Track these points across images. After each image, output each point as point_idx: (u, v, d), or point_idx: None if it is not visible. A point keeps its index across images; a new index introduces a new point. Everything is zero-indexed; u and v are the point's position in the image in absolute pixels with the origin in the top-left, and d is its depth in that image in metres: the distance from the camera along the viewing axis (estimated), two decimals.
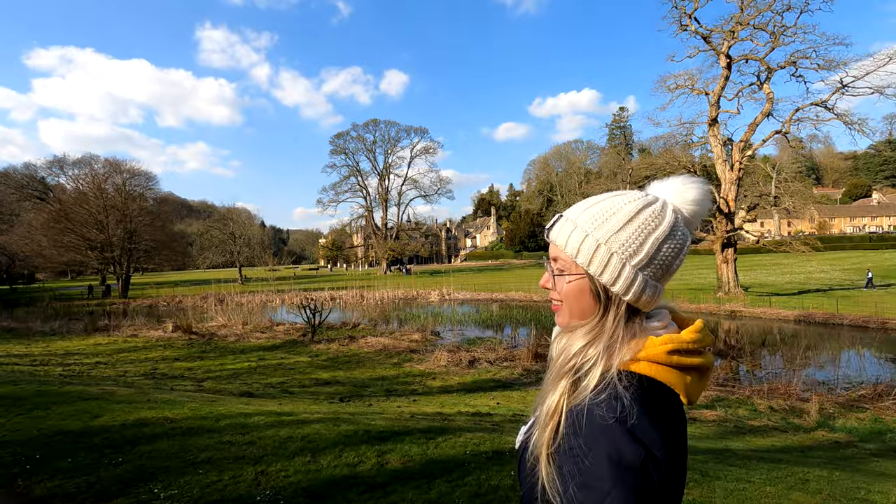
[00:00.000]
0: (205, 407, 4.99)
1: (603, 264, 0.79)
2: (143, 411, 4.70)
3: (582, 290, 0.82)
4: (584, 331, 0.81)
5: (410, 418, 5.18)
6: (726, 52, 26.50)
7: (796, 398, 8.54)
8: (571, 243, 0.82)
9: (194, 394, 6.80)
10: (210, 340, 16.45)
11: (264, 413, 4.77)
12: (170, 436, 3.90)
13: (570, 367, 0.79)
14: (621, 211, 0.81)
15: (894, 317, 16.04)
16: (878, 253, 56.09)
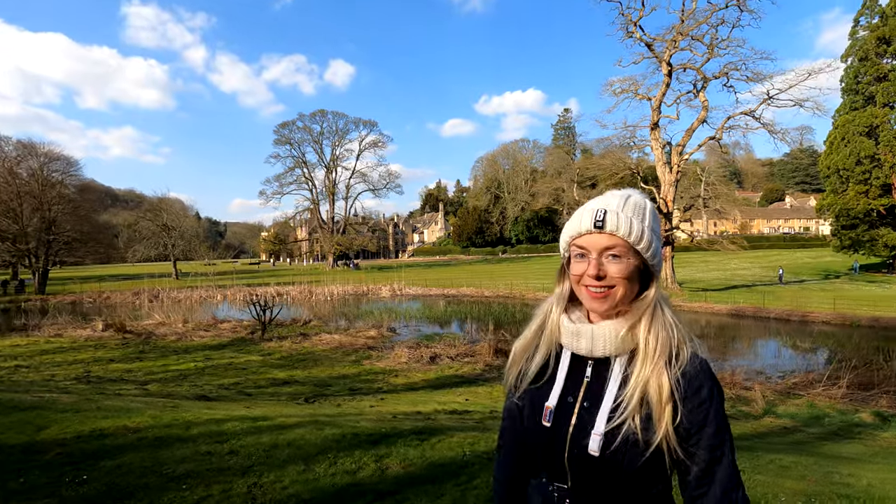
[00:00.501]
0: (167, 414, 4.58)
1: (649, 244, 0.96)
2: (96, 420, 4.23)
3: (636, 269, 0.96)
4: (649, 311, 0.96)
5: (393, 419, 5.02)
6: (668, 60, 27.93)
7: (740, 387, 9.14)
8: (634, 231, 0.95)
9: (148, 399, 6.25)
10: (147, 340, 15.32)
11: (236, 418, 4.44)
12: (137, 447, 3.53)
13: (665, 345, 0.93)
14: (647, 206, 1.00)
15: (812, 310, 17.62)
16: (791, 252, 61.47)
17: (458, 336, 14.37)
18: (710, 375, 0.91)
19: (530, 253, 77.29)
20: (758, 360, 11.94)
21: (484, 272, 47.51)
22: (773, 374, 10.47)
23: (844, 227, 43.06)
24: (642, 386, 0.90)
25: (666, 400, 0.88)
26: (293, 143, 58.69)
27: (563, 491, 0.98)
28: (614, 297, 0.94)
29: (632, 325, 0.95)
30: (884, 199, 40.47)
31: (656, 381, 0.89)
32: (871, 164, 39.98)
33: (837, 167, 42.78)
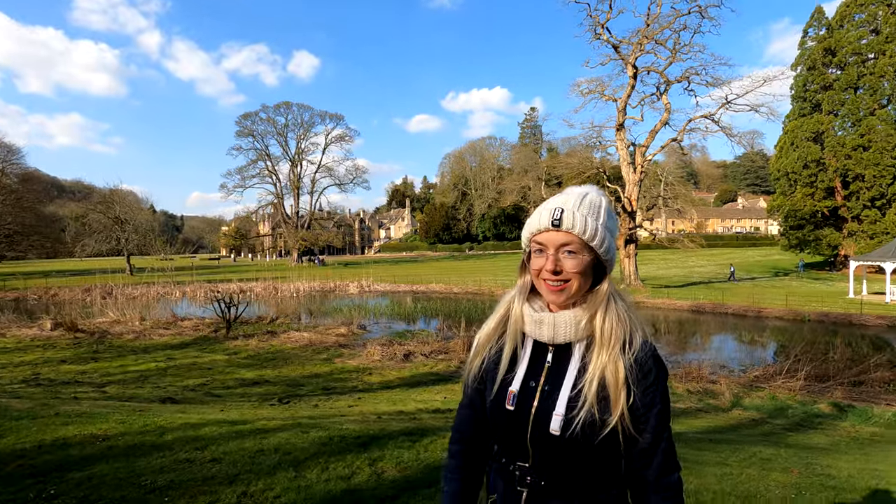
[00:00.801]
0: (136, 419, 4.29)
1: (606, 243, 1.04)
2: (57, 428, 3.92)
3: (590, 266, 1.04)
4: (603, 303, 1.03)
5: (378, 419, 4.89)
6: (633, 62, 28.63)
7: (707, 381, 9.46)
8: (589, 230, 1.02)
9: (110, 402, 5.87)
10: (102, 339, 14.51)
11: (213, 423, 4.20)
12: (107, 457, 3.27)
13: (619, 333, 1.01)
14: (602, 203, 1.07)
15: (766, 306, 18.50)
16: (743, 250, 64.46)
17: (431, 333, 14.28)
18: (658, 360, 1.00)
19: (497, 250, 77.97)
20: (720, 354, 12.41)
21: (452, 269, 47.58)
22: (735, 368, 10.90)
23: (792, 228, 45.47)
24: (601, 371, 0.98)
25: (622, 384, 0.96)
26: (256, 135, 56.96)
27: (524, 469, 1.05)
28: (570, 290, 1.03)
29: (590, 314, 1.03)
30: (828, 201, 42.96)
31: (613, 367, 0.97)
32: (816, 167, 42.31)
33: (786, 170, 45.08)
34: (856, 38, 40.58)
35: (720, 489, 2.86)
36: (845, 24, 41.67)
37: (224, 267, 58.34)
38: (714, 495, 2.71)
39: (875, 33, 40.15)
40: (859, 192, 40.31)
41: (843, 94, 40.88)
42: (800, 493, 2.92)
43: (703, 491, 2.82)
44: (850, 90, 40.70)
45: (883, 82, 38.91)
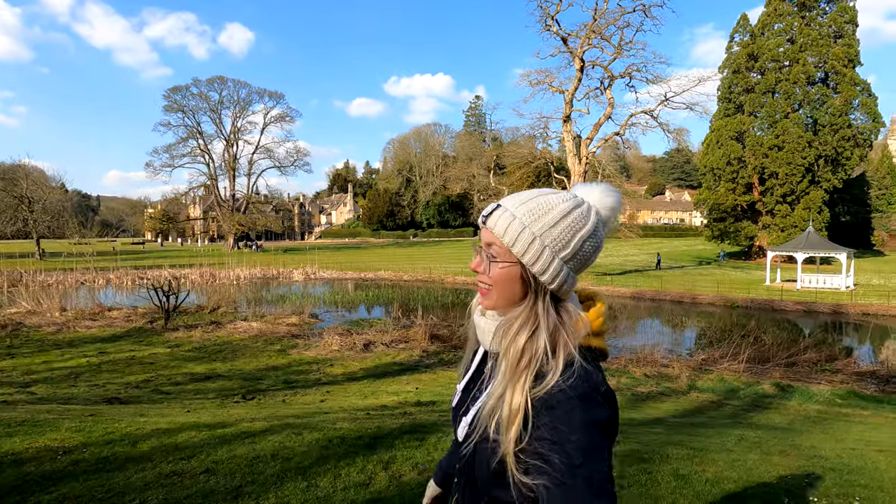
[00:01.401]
0: (93, 426, 3.77)
1: (536, 255, 0.86)
2: (13, 438, 3.36)
3: (513, 276, 0.89)
4: (519, 322, 0.87)
5: (368, 416, 4.63)
6: (581, 55, 29.36)
7: (659, 364, 9.95)
8: (510, 233, 0.87)
9: (48, 406, 5.16)
10: (16, 331, 12.99)
11: (187, 427, 3.77)
12: (75, 474, 2.82)
13: (527, 363, 0.84)
14: (556, 209, 0.88)
15: (700, 293, 19.82)
16: (670, 240, 68.91)
17: (387, 322, 14.00)
18: (575, 403, 0.79)
19: (441, 237, 78.22)
20: (665, 339, 13.11)
21: (397, 256, 47.16)
22: (682, 352, 11.54)
23: (715, 220, 49.03)
24: (497, 399, 0.85)
25: (511, 421, 0.82)
26: (187, 110, 53.00)
27: (457, 471, 1.01)
28: (491, 297, 0.92)
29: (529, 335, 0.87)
30: (747, 196, 46.68)
31: (509, 398, 0.83)
32: (738, 164, 45.76)
33: (712, 166, 48.45)
34: (775, 46, 44.00)
35: (738, 477, 2.93)
36: (766, 32, 45.04)
37: (150, 252, 54.37)
38: (747, 485, 2.77)
39: (791, 42, 43.73)
40: (773, 188, 44.08)
41: (762, 97, 44.31)
42: (809, 476, 3.05)
43: (724, 480, 2.88)
44: (768, 94, 44.18)
45: (796, 88, 42.55)
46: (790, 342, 11.08)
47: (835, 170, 42.23)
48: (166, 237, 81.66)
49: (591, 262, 0.92)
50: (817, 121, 42.45)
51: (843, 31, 42.51)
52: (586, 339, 0.87)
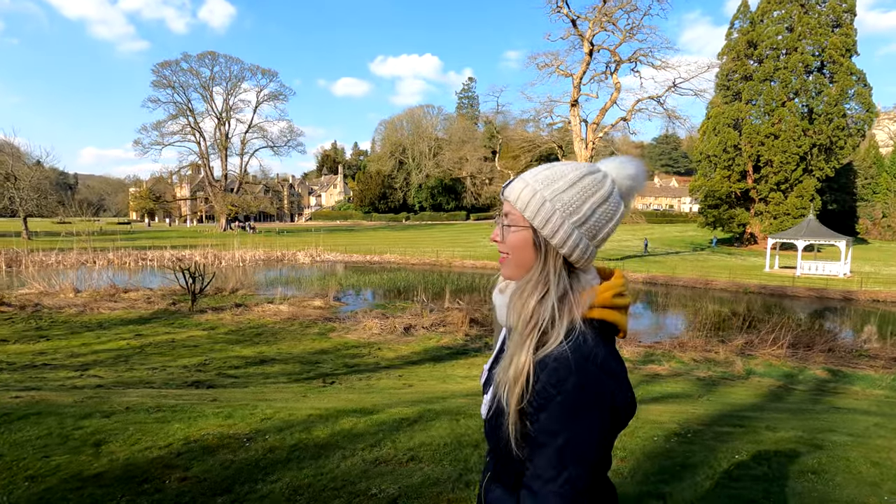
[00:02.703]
0: (240, 412, 3.64)
1: (546, 218, 0.89)
2: (165, 427, 3.24)
3: (525, 241, 0.92)
4: (531, 286, 0.90)
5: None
6: (591, 39, 29.11)
7: (702, 349, 10.10)
8: (522, 198, 0.91)
9: (163, 391, 5.02)
10: (38, 313, 12.61)
11: (337, 412, 3.68)
12: (283, 462, 2.73)
13: (533, 325, 0.87)
14: (567, 175, 0.91)
15: (713, 279, 20.15)
16: (661, 226, 69.75)
17: (416, 305, 13.93)
18: (570, 368, 0.83)
19: (434, 220, 77.92)
20: (693, 324, 13.30)
21: (397, 239, 46.90)
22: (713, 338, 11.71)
23: (710, 207, 49.69)
24: (508, 360, 0.90)
25: (515, 380, 0.86)
26: (177, 87, 51.34)
27: (488, 451, 1.04)
28: (509, 265, 0.95)
29: (538, 299, 0.90)
30: (741, 183, 47.34)
31: (517, 359, 0.87)
32: (734, 152, 46.30)
33: (708, 154, 48.93)
34: (774, 34, 44.22)
35: None
36: (765, 19, 45.20)
37: (139, 232, 53.11)
38: None
39: (790, 30, 44.00)
40: (768, 176, 44.78)
41: (760, 85, 44.67)
42: None
43: None
44: (766, 82, 44.54)
45: (793, 77, 42.96)
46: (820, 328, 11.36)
47: (828, 159, 43.02)
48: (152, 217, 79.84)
49: (607, 231, 0.93)
50: (813, 110, 43.05)
51: (841, 20, 42.89)
52: (594, 311, 0.88)
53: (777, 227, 43.62)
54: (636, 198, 1.00)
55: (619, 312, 0.91)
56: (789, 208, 43.38)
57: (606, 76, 31.76)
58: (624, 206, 0.96)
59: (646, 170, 0.98)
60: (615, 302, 0.90)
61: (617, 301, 0.90)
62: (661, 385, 6.93)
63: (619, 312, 0.91)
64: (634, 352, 9.82)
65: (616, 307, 0.90)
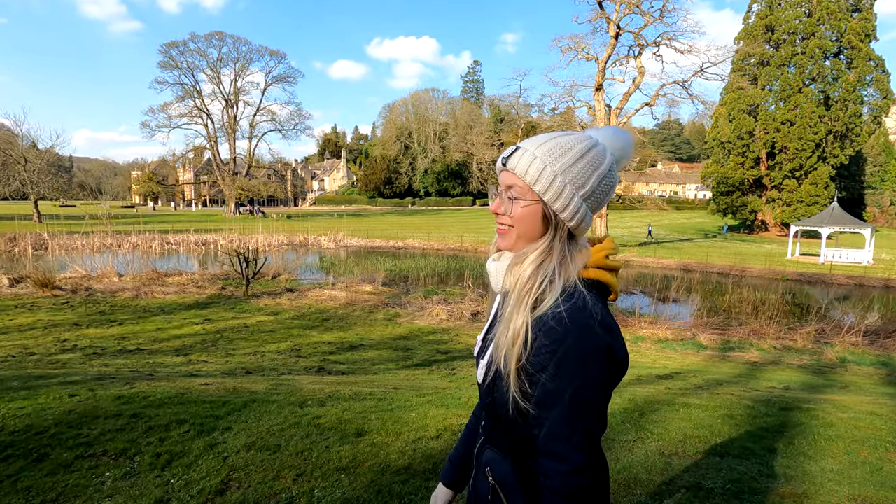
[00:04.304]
0: (461, 395, 3.58)
1: (558, 192, 0.89)
2: (400, 412, 3.16)
3: (535, 214, 0.92)
4: (535, 254, 0.91)
5: (671, 390, 4.54)
6: (618, 21, 28.66)
7: (776, 337, 10.10)
8: (531, 172, 0.90)
9: (290, 377, 4.92)
10: (92, 297, 12.46)
11: None
12: None
13: (529, 287, 0.88)
14: (575, 148, 0.91)
15: (749, 266, 20.17)
16: (668, 213, 69.69)
17: (468, 291, 13.85)
18: (569, 324, 0.83)
19: (440, 206, 77.58)
20: (750, 311, 13.26)
21: (408, 224, 46.67)
22: (774, 325, 11.70)
23: (722, 194, 49.66)
24: (506, 322, 0.90)
25: (514, 340, 0.87)
26: (183, 67, 50.38)
27: (482, 418, 1.05)
28: (511, 237, 0.95)
29: (517, 263, 0.94)
30: (754, 170, 47.26)
31: (515, 321, 0.88)
32: (749, 138, 46.11)
33: (721, 140, 48.72)
34: (792, 18, 43.73)
35: None
36: (783, 2, 44.64)
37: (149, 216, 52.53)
38: None
39: (808, 15, 43.50)
40: (782, 163, 44.68)
41: (777, 70, 44.32)
42: None
43: None
44: (783, 67, 44.17)
45: (811, 62, 42.60)
46: (888, 314, 11.39)
47: (843, 146, 42.91)
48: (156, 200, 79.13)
49: (606, 201, 0.96)
50: (829, 96, 42.81)
51: (861, 4, 42.41)
52: (590, 271, 0.91)
53: (790, 214, 43.68)
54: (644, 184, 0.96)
55: (611, 274, 0.93)
56: (803, 195, 43.36)
57: (628, 60, 31.35)
58: None
59: (633, 139, 1.01)
60: (608, 263, 0.93)
61: (609, 262, 0.93)
62: (773, 373, 6.91)
63: (611, 274, 0.92)
64: (710, 339, 9.81)
65: (608, 268, 0.92)
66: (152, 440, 2.76)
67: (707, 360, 7.92)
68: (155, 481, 2.34)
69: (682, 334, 10.07)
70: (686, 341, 9.68)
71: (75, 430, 2.83)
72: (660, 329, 10.30)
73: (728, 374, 6.50)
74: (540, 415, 0.84)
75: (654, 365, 7.20)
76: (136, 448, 2.66)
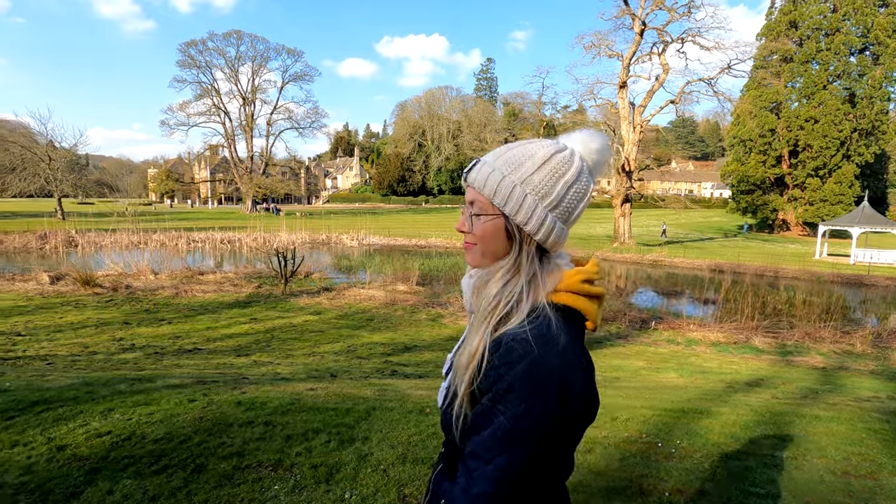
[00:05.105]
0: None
1: (518, 204, 0.85)
2: None
3: (498, 229, 0.87)
4: (501, 273, 0.86)
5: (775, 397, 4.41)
6: (643, 18, 28.30)
7: (831, 341, 9.87)
8: (489, 185, 0.86)
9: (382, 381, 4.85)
10: (132, 295, 12.51)
11: (687, 411, 3.51)
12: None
13: (494, 307, 0.83)
14: (535, 155, 0.86)
15: (783, 266, 19.82)
16: (685, 212, 68.88)
17: None
18: (525, 348, 0.77)
19: (454, 203, 77.50)
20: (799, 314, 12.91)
21: (426, 222, 46.65)
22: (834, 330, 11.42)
23: (742, 192, 49.03)
24: (466, 343, 0.87)
25: (469, 361, 0.82)
26: (202, 66, 50.67)
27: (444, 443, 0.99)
28: (477, 253, 0.90)
29: (483, 283, 0.89)
30: (776, 168, 46.57)
31: (473, 341, 0.83)
32: (771, 136, 45.42)
33: (742, 138, 48.04)
34: (816, 13, 42.94)
35: None
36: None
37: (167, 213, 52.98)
38: None
39: (833, 10, 42.68)
40: (805, 161, 43.96)
41: (800, 67, 43.57)
42: None
43: None
44: (807, 64, 43.41)
45: (836, 59, 41.81)
46: None
47: (869, 144, 42.10)
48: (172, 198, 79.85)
49: (579, 211, 0.90)
50: (855, 93, 42.01)
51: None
52: (560, 295, 0.84)
53: (814, 213, 42.99)
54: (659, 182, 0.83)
55: (588, 300, 0.86)
56: (827, 194, 42.66)
57: (651, 57, 30.95)
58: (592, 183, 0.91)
59: (610, 141, 0.85)
60: (583, 288, 0.86)
61: (585, 287, 0.86)
62: (850, 379, 6.73)
63: (587, 300, 0.86)
64: (765, 342, 9.61)
65: (584, 294, 0.86)
66: (299, 451, 2.68)
67: (772, 365, 7.74)
68: (327, 496, 2.26)
69: (735, 337, 9.88)
70: (740, 345, 9.49)
71: (217, 439, 2.76)
72: (710, 332, 10.12)
73: (810, 381, 6.33)
74: (471, 434, 0.80)
75: (721, 370, 7.04)
76: (289, 459, 2.58)
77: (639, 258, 23.49)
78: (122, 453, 2.56)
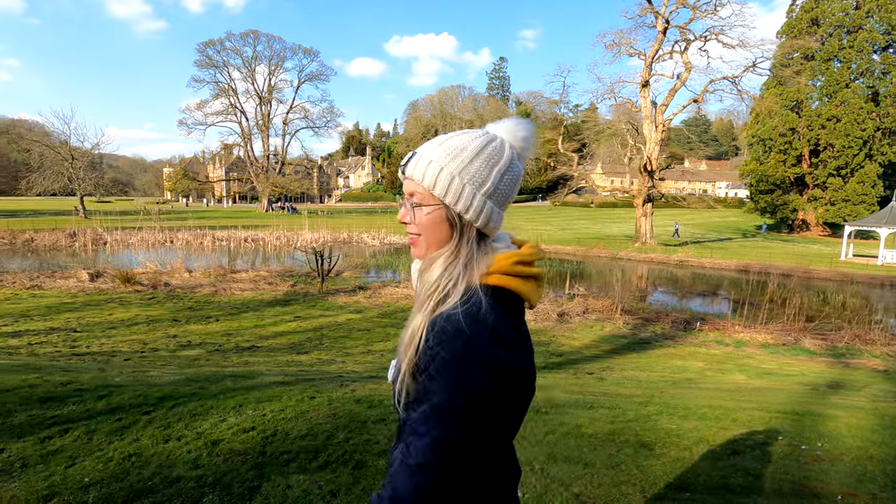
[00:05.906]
0: (669, 400, 3.47)
1: (457, 194, 0.88)
2: (691, 421, 3.05)
3: (439, 219, 0.90)
4: (442, 258, 0.89)
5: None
6: (667, 16, 28.08)
7: (884, 343, 9.74)
8: (429, 177, 0.88)
9: None
10: (173, 294, 12.65)
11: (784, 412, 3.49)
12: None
13: (433, 290, 0.86)
14: (470, 146, 0.89)
15: (815, 266, 19.59)
16: (701, 212, 68.30)
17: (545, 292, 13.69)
18: (456, 328, 0.80)
19: None
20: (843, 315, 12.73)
21: None
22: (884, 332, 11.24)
23: (762, 192, 48.47)
24: (408, 323, 0.90)
25: (410, 341, 0.85)
26: (219, 66, 51.06)
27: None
28: (422, 244, 0.93)
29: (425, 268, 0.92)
30: (796, 168, 45.99)
31: (414, 321, 0.87)
32: (792, 135, 44.86)
33: (762, 137, 47.50)
34: (839, 10, 42.32)
35: None
36: None
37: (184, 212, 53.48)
38: None
39: (856, 8, 42.04)
40: (826, 161, 43.38)
41: (822, 65, 42.98)
42: None
43: None
44: (829, 62, 42.82)
45: (859, 57, 41.20)
46: None
47: (892, 143, 41.44)
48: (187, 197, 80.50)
49: (512, 196, 0.94)
50: (878, 91, 41.37)
51: None
52: (491, 277, 0.87)
53: (835, 213, 42.43)
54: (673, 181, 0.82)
55: (522, 280, 0.89)
56: (849, 194, 42.05)
57: (672, 55, 30.71)
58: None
59: (536, 130, 0.98)
60: (515, 269, 0.89)
61: (518, 269, 0.89)
62: None
63: (520, 280, 0.89)
64: (815, 344, 9.52)
65: (517, 275, 0.89)
66: None
67: (830, 367, 7.66)
68: None
69: (783, 339, 9.79)
70: (790, 346, 9.40)
71: (360, 435, 2.79)
72: (757, 333, 10.04)
73: (888, 384, 6.27)
74: (410, 416, 0.83)
75: (783, 371, 6.98)
76: None
77: (664, 258, 23.33)
78: (277, 448, 2.59)
